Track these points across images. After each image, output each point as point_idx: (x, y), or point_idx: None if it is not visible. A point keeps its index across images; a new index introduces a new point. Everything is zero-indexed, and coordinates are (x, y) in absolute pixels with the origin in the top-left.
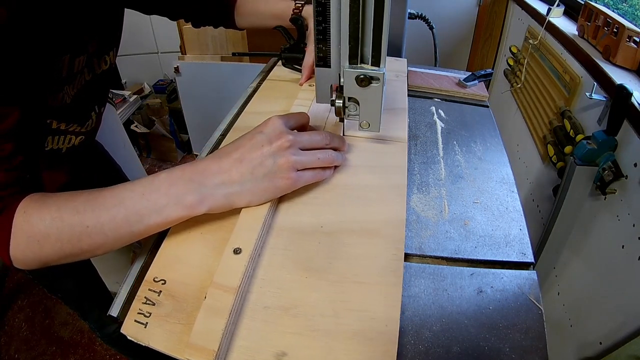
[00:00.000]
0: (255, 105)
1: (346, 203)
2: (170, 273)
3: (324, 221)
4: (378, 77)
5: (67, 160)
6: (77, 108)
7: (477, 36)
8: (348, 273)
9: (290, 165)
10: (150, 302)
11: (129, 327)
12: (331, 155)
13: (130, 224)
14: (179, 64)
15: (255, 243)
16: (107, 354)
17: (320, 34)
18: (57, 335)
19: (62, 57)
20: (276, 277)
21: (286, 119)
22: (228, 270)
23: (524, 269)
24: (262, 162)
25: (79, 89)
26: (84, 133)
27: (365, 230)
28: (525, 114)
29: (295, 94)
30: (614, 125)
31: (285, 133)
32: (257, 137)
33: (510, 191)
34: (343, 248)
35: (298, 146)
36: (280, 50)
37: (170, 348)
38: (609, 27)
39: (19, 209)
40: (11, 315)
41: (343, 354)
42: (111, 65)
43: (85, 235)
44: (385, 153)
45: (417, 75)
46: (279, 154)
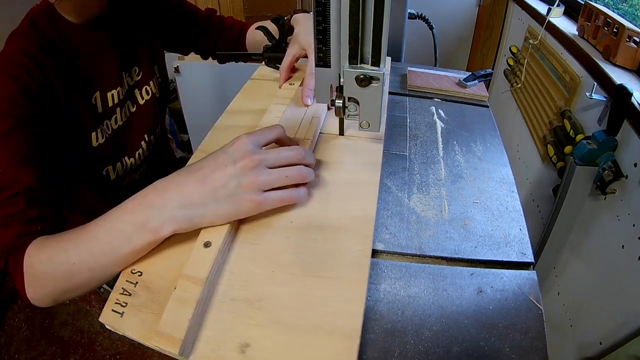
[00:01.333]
0: (237, 105)
1: (317, 199)
2: (147, 265)
3: (294, 216)
4: (378, 77)
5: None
6: (124, 138)
7: (477, 36)
8: (314, 268)
9: (254, 187)
10: (126, 293)
11: (107, 316)
12: (301, 172)
13: (107, 255)
14: (179, 64)
15: (224, 237)
16: (107, 354)
17: (320, 34)
18: (57, 335)
19: (92, 95)
20: (244, 271)
21: (255, 137)
22: (198, 262)
23: (523, 269)
24: (225, 183)
25: (124, 121)
26: (140, 166)
27: (334, 226)
28: (525, 114)
29: (277, 93)
30: (614, 125)
31: (250, 153)
32: (221, 157)
33: (510, 191)
34: (311, 243)
35: (265, 164)
36: (263, 50)
37: (143, 336)
38: (609, 27)
39: (26, 253)
40: (11, 315)
41: (304, 347)
42: (154, 95)
43: (74, 272)
44: (361, 150)
45: (417, 75)
46: (243, 174)
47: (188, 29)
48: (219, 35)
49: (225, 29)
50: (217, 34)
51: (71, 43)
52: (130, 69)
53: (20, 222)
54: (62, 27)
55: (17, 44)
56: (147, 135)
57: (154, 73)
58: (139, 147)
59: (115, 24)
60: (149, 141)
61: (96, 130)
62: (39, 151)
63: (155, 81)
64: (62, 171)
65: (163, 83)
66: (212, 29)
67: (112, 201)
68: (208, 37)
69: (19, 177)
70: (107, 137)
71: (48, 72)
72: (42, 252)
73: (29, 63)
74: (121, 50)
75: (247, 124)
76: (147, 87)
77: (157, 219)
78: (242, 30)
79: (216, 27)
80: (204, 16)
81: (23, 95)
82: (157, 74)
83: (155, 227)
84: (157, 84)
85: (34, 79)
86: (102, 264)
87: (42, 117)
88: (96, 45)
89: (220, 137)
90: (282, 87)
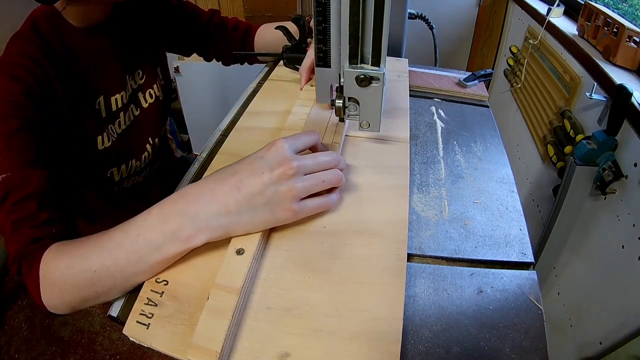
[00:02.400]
0: (257, 106)
1: (348, 203)
2: (172, 274)
3: (327, 222)
4: (378, 77)
5: (136, 197)
6: (130, 142)
7: (477, 36)
8: (350, 273)
9: (292, 195)
10: (152, 303)
11: (132, 328)
12: (337, 175)
13: (132, 265)
14: (179, 64)
15: (257, 243)
16: (107, 354)
17: (320, 34)
18: (57, 335)
19: (95, 100)
20: (279, 278)
21: (292, 141)
22: (231, 270)
23: (524, 269)
24: (262, 191)
25: (127, 125)
26: (144, 168)
27: (368, 230)
28: (525, 114)
29: (297, 94)
30: (614, 125)
31: (288, 159)
32: (257, 163)
33: (510, 191)
34: (345, 248)
35: (302, 172)
36: (282, 50)
37: (173, 349)
38: (609, 27)
39: (42, 260)
40: (11, 315)
41: (346, 354)
42: (157, 98)
43: (96, 280)
44: (387, 153)
45: (417, 75)
46: (281, 182)
47: (189, 31)
48: (222, 37)
49: (229, 30)
50: (219, 35)
51: (73, 48)
52: (133, 72)
53: (31, 227)
54: (64, 31)
55: (18, 47)
56: (152, 138)
57: (157, 75)
58: (144, 150)
59: (117, 28)
60: (154, 144)
61: (102, 134)
62: (45, 153)
63: (159, 84)
64: (66, 174)
65: (166, 85)
66: (215, 30)
67: (113, 203)
68: (210, 38)
69: (27, 179)
70: (114, 140)
71: (50, 76)
72: (61, 259)
73: (32, 65)
74: (124, 54)
75: (271, 125)
76: (151, 90)
77: (190, 228)
78: (249, 31)
79: (219, 28)
80: (206, 17)
81: (27, 97)
82: (160, 77)
83: (187, 236)
84: (161, 87)
85: (37, 81)
86: (126, 273)
87: (45, 119)
88: (98, 49)
89: (242, 138)
90: (303, 89)
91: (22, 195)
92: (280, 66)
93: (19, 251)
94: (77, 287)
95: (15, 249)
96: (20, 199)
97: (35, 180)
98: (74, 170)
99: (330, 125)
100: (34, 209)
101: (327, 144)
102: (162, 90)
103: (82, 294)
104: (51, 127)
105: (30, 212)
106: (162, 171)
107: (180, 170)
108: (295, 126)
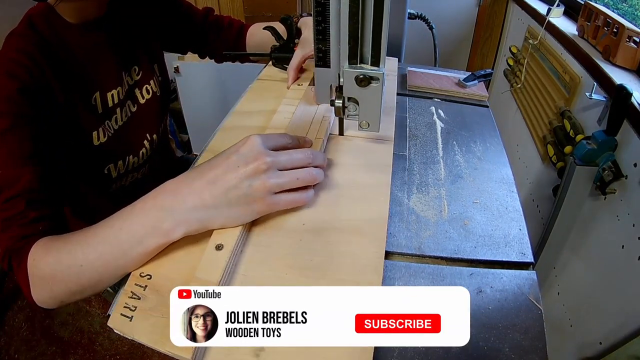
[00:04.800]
0: (245, 105)
1: (329, 200)
2: (155, 268)
3: (307, 219)
4: (378, 77)
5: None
6: (127, 138)
7: (477, 36)
8: (328, 270)
9: (266, 189)
10: (136, 297)
11: (116, 320)
12: (312, 174)
13: (116, 258)
14: (179, 64)
15: (237, 239)
16: (107, 354)
17: (320, 34)
18: (57, 335)
19: (91, 95)
20: (257, 274)
21: (265, 138)
22: (209, 265)
23: (523, 269)
24: (237, 184)
25: (124, 121)
26: (142, 165)
27: (348, 228)
28: (525, 114)
29: (285, 94)
30: (613, 125)
31: (263, 154)
32: (232, 158)
33: (510, 191)
34: (324, 246)
35: (276, 167)
36: (271, 50)
37: (154, 341)
38: (608, 27)
39: (29, 255)
40: (11, 315)
41: (319, 350)
42: (155, 94)
43: (82, 274)
44: (371, 151)
45: (417, 75)
46: (256, 176)
47: (184, 28)
48: (217, 35)
49: (223, 28)
50: (214, 33)
51: (69, 44)
52: (129, 68)
53: (19, 225)
54: (60, 28)
55: (15, 43)
56: (150, 134)
57: (154, 72)
58: (142, 146)
59: (113, 24)
60: (152, 140)
61: (97, 129)
62: (38, 150)
63: (156, 80)
64: (62, 170)
65: (164, 81)
66: (209, 28)
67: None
68: (205, 36)
69: (18, 177)
70: (110, 136)
71: (46, 72)
72: (49, 254)
73: (27, 62)
74: (119, 50)
75: (256, 124)
76: (148, 86)
77: (169, 221)
78: (242, 29)
79: (213, 26)
80: (201, 15)
81: (21, 94)
82: (157, 73)
83: (166, 229)
84: (158, 83)
85: (32, 77)
86: (110, 266)
87: (41, 115)
88: (94, 46)
89: (229, 137)
90: (290, 88)
91: (13, 194)
92: (269, 66)
93: (8, 247)
94: (64, 282)
95: (5, 246)
96: (12, 196)
97: (25, 179)
98: (71, 166)
99: (314, 123)
100: (22, 207)
101: (311, 140)
102: (160, 87)
103: (68, 288)
104: (47, 122)
105: (19, 211)
106: (162, 170)
107: (180, 169)
108: (280, 125)
